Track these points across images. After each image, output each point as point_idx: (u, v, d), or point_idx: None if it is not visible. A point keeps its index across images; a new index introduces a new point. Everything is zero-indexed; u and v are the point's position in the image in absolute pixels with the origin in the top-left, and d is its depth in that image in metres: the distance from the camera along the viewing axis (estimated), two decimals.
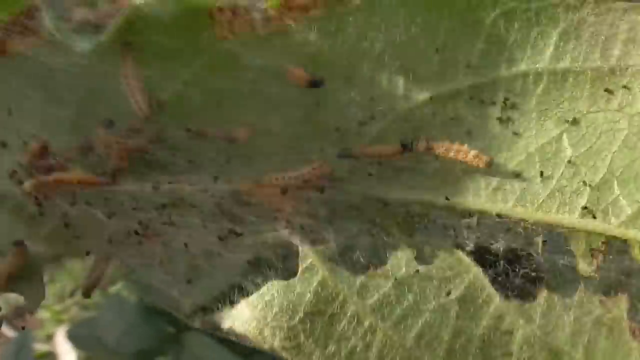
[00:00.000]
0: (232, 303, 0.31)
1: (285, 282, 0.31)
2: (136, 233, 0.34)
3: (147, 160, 0.36)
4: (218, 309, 0.32)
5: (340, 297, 0.31)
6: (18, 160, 0.35)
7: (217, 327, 0.31)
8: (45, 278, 0.36)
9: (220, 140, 0.36)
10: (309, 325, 0.30)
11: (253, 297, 0.31)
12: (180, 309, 0.33)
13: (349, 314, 0.30)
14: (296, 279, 0.31)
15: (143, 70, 0.35)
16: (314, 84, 0.35)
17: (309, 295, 0.30)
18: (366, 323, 0.30)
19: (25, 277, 0.37)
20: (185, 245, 0.34)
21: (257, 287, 0.31)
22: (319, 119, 0.36)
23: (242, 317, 0.30)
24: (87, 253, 0.35)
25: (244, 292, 0.31)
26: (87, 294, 0.36)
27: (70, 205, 0.34)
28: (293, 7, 0.35)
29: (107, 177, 0.35)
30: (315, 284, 0.31)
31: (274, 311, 0.30)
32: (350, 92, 0.36)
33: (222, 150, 0.36)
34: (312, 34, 0.35)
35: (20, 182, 0.35)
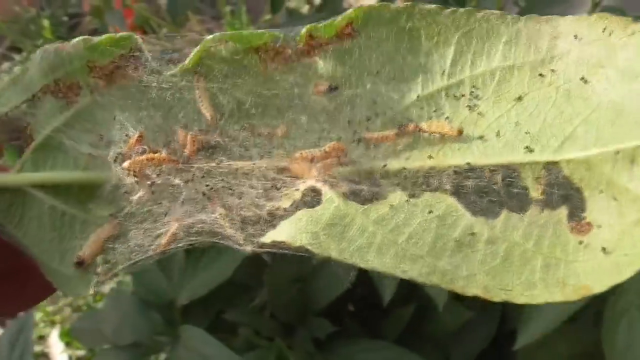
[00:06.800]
0: (274, 227, 0.43)
1: (311, 209, 0.42)
2: (203, 194, 0.47)
3: (212, 147, 0.49)
4: (263, 234, 0.43)
5: (350, 216, 0.42)
6: (119, 151, 0.49)
7: (262, 245, 0.42)
8: None
9: (264, 133, 0.49)
10: (328, 230, 0.41)
11: (289, 219, 0.42)
12: (236, 240, 0.44)
13: (356, 225, 0.41)
14: (319, 206, 0.42)
15: (210, 86, 0.50)
16: (331, 89, 0.49)
17: (328, 214, 0.42)
18: (369, 229, 0.41)
19: (116, 240, 0.50)
20: (239, 200, 0.46)
21: (292, 213, 0.43)
22: (336, 117, 0.49)
23: (279, 232, 0.41)
24: (165, 214, 0.47)
25: (283, 218, 0.43)
26: (164, 248, 0.47)
27: (157, 176, 0.47)
28: (315, 44, 0.50)
29: (183, 159, 0.48)
30: (332, 208, 0.42)
31: (302, 224, 0.41)
32: (357, 98, 0.49)
33: (265, 139, 0.49)
34: (328, 59, 0.50)
35: (121, 164, 0.48)
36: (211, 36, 0.49)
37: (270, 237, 0.42)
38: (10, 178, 0.51)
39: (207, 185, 0.46)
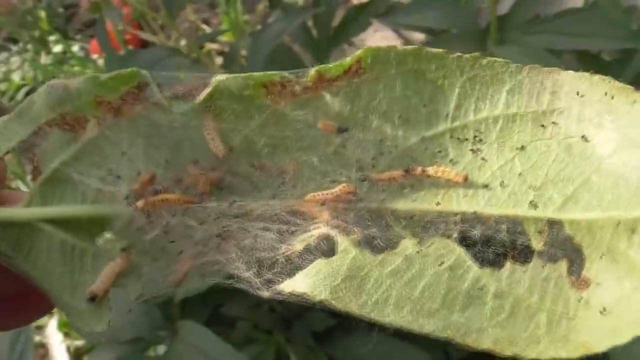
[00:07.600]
0: (291, 276, 0.45)
1: (328, 259, 0.44)
2: (217, 235, 0.48)
3: (223, 187, 0.50)
4: (280, 281, 0.45)
5: (367, 268, 0.44)
6: (130, 188, 0.50)
7: (280, 292, 0.44)
8: None
9: (275, 172, 0.50)
10: (346, 284, 0.43)
11: (307, 269, 0.44)
12: (253, 284, 0.46)
13: (373, 278, 0.44)
14: (336, 257, 0.45)
15: (220, 124, 0.50)
16: (341, 130, 0.50)
17: (345, 266, 0.44)
18: (386, 283, 0.44)
19: (129, 276, 0.51)
20: (254, 241, 0.47)
21: (309, 263, 0.45)
22: (345, 155, 0.51)
23: (299, 283, 0.43)
24: (180, 252, 0.49)
25: (300, 268, 0.45)
26: (176, 285, 0.49)
27: (171, 216, 0.48)
28: (323, 80, 0.51)
29: (196, 198, 0.49)
30: (349, 259, 0.44)
31: (321, 276, 0.43)
32: (365, 137, 0.51)
33: (276, 178, 0.50)
34: (337, 97, 0.51)
35: (133, 203, 0.49)
36: (222, 76, 0.49)
37: (289, 286, 0.44)
38: (18, 213, 0.51)
39: (222, 227, 0.48)
